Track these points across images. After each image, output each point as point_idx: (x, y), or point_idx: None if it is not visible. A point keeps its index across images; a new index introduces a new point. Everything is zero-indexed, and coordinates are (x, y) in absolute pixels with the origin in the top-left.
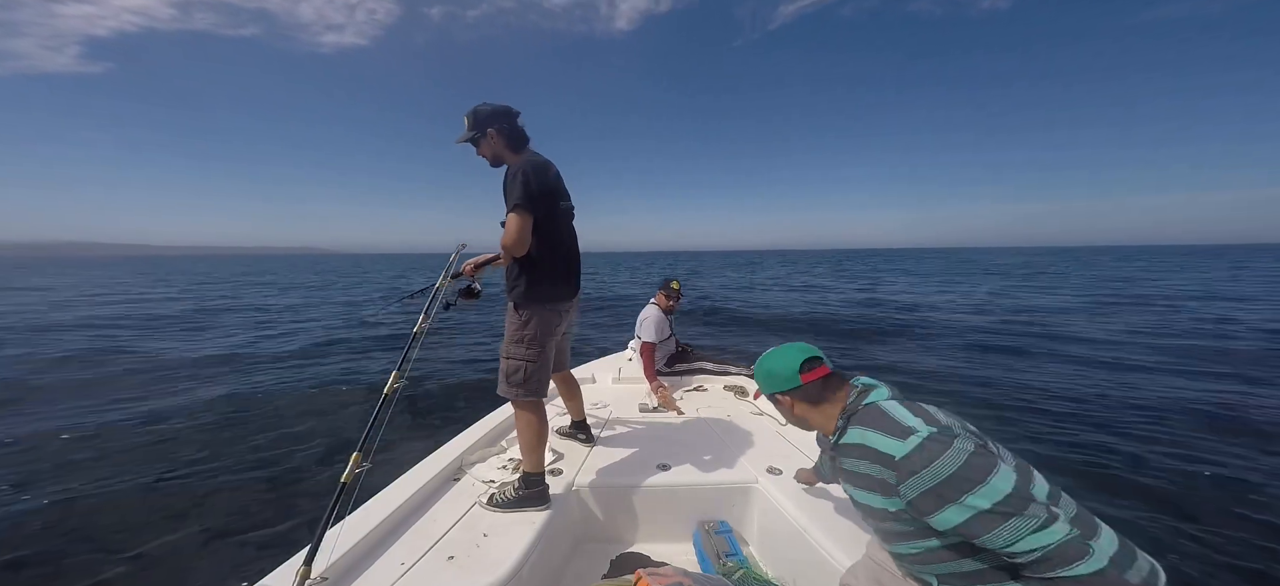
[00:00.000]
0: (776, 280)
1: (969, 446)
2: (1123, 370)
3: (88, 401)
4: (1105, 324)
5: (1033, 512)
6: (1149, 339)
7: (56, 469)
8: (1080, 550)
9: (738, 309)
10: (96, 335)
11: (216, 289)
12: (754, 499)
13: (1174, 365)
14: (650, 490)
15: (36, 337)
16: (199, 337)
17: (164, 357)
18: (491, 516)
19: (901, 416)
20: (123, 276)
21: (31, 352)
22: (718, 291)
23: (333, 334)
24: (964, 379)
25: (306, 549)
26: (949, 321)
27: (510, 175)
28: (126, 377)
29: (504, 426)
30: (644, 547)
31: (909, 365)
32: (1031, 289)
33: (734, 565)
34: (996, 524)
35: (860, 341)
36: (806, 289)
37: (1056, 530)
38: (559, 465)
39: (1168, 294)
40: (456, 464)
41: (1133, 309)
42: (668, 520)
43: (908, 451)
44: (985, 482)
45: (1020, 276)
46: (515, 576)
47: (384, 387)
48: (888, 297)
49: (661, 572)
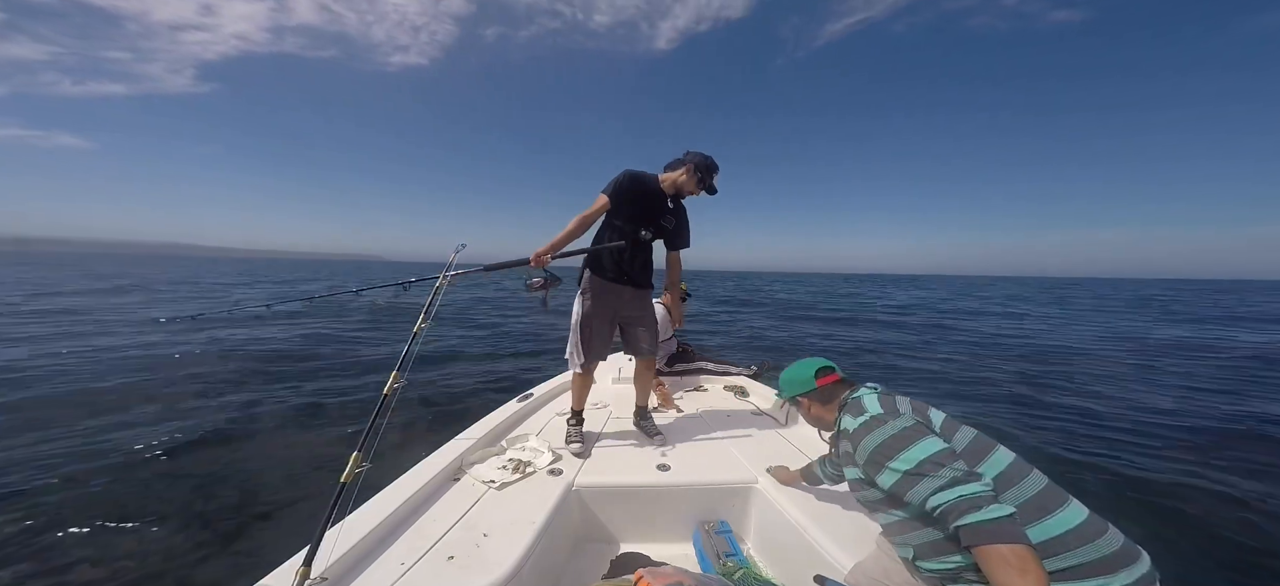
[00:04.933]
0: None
1: (905, 423)
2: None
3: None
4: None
5: (942, 474)
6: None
7: (56, 469)
8: (977, 503)
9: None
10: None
11: (263, 289)
12: (754, 499)
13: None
14: (650, 490)
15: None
16: (207, 338)
17: (179, 359)
18: (491, 516)
19: (868, 404)
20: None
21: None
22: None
23: (345, 332)
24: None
25: (306, 549)
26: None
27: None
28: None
29: (504, 426)
30: (644, 547)
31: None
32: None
33: (734, 565)
34: (913, 483)
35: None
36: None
37: (963, 489)
38: (559, 465)
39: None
40: (456, 464)
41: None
42: (668, 520)
43: (856, 426)
44: (906, 450)
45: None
46: (515, 576)
47: (384, 387)
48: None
49: (661, 572)
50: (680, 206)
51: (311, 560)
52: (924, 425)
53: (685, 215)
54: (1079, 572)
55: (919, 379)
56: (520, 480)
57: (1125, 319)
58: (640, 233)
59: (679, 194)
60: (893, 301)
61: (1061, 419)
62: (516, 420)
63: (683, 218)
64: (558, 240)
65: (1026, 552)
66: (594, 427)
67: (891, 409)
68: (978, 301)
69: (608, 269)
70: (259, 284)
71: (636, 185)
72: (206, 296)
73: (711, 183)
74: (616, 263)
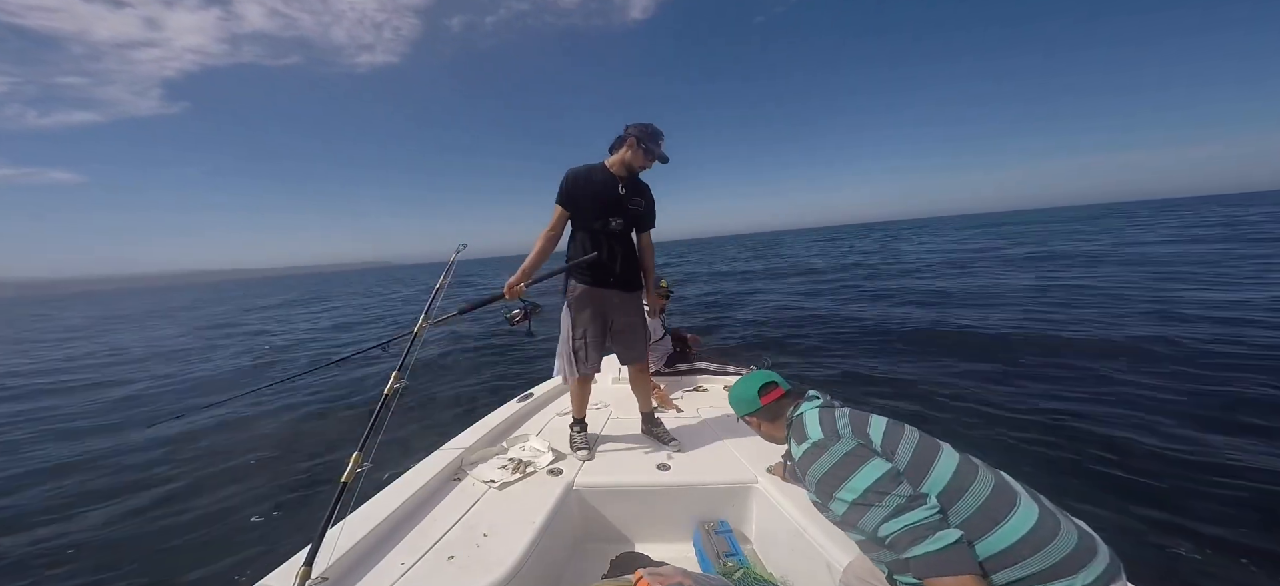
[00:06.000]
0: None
1: (845, 448)
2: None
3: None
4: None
5: (886, 503)
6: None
7: (56, 471)
8: (924, 533)
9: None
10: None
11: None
12: (754, 499)
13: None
14: (650, 490)
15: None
16: (209, 355)
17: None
18: (491, 516)
19: (809, 427)
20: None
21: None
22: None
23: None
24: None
25: (307, 548)
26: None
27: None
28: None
29: (504, 426)
30: (644, 547)
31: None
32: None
33: (734, 565)
34: (860, 514)
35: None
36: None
37: (908, 517)
38: (559, 465)
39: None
40: (456, 464)
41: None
42: (668, 520)
43: (800, 455)
44: (849, 479)
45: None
46: (515, 576)
47: (384, 388)
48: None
49: (661, 572)
50: (641, 184)
51: (313, 559)
52: (866, 447)
53: (648, 192)
54: (1034, 580)
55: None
56: (520, 480)
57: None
58: (610, 224)
59: (631, 173)
60: (917, 254)
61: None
62: (517, 420)
63: (646, 195)
64: (528, 265)
65: (971, 583)
66: (594, 428)
67: (831, 430)
68: (1016, 243)
69: (589, 273)
70: (253, 310)
71: (583, 182)
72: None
73: (658, 150)
74: (596, 267)
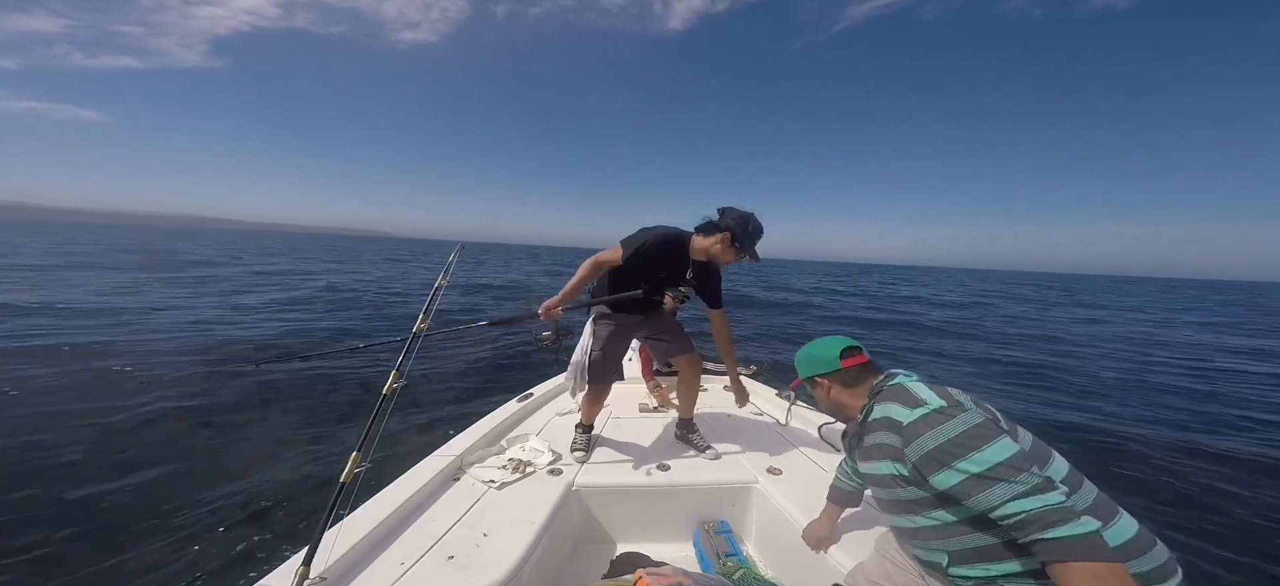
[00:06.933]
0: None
1: (974, 419)
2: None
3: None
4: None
5: (1022, 480)
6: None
7: (55, 467)
8: (1064, 516)
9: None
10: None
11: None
12: (754, 499)
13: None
14: (650, 490)
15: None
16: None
17: (170, 345)
18: (491, 516)
19: (919, 391)
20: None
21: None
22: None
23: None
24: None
25: (305, 549)
26: None
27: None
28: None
29: (504, 426)
30: (644, 547)
31: None
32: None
33: (734, 565)
34: (984, 487)
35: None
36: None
37: (1045, 498)
38: (559, 465)
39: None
40: (456, 464)
41: None
42: (668, 520)
43: (914, 418)
44: (979, 449)
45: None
46: (515, 576)
47: (383, 387)
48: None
49: (661, 572)
50: (712, 268)
51: (311, 560)
52: (994, 422)
53: (717, 272)
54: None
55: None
56: (520, 480)
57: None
58: (655, 293)
59: (711, 260)
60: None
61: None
62: (516, 420)
63: (716, 275)
64: (569, 289)
65: (1123, 572)
66: (595, 428)
67: (951, 399)
68: (1040, 304)
69: (618, 303)
70: (274, 257)
71: (657, 257)
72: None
73: (753, 249)
74: (628, 302)
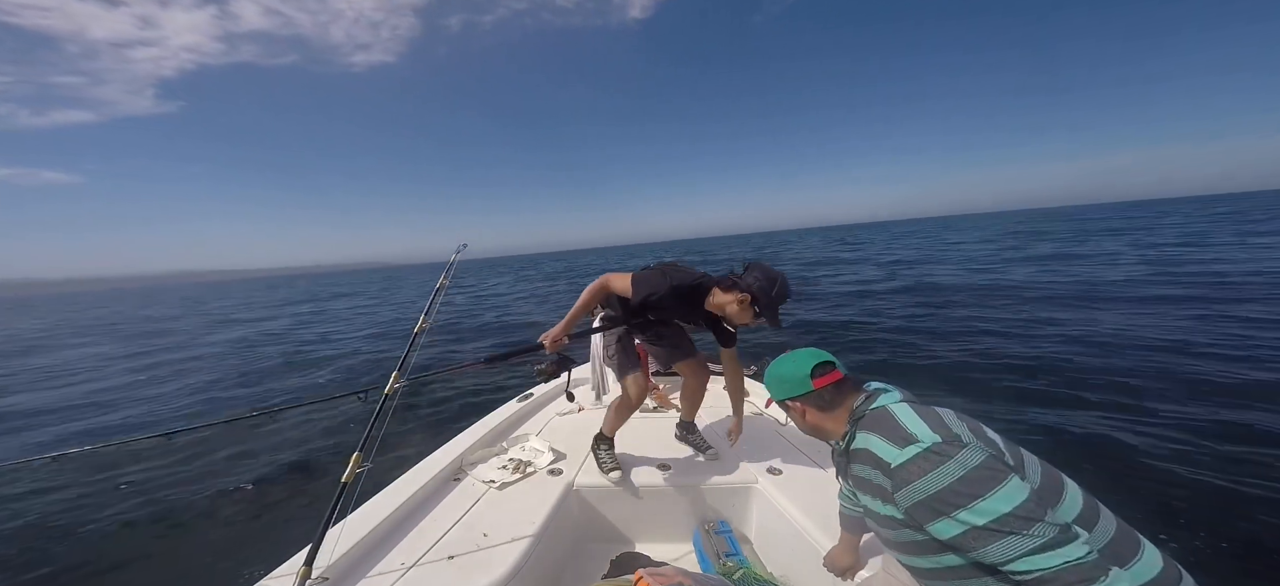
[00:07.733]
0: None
1: (974, 459)
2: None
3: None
4: None
5: (1036, 532)
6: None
7: (55, 472)
8: (1088, 575)
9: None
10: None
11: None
12: (754, 499)
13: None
14: (650, 490)
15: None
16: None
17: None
18: (491, 516)
19: (907, 421)
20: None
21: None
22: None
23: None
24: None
25: (307, 548)
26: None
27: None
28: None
29: (504, 426)
30: (644, 547)
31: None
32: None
33: (734, 565)
34: (990, 540)
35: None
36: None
37: (1065, 552)
38: (559, 465)
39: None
40: (456, 464)
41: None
42: (668, 520)
43: (904, 461)
44: (983, 497)
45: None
46: (515, 576)
47: (384, 388)
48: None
49: (661, 572)
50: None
51: (313, 559)
52: (999, 460)
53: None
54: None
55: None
56: (520, 480)
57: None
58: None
59: (725, 318)
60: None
61: None
62: (517, 420)
63: (719, 325)
64: (571, 317)
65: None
66: (593, 427)
67: (946, 432)
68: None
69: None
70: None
71: (672, 304)
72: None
73: (776, 317)
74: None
